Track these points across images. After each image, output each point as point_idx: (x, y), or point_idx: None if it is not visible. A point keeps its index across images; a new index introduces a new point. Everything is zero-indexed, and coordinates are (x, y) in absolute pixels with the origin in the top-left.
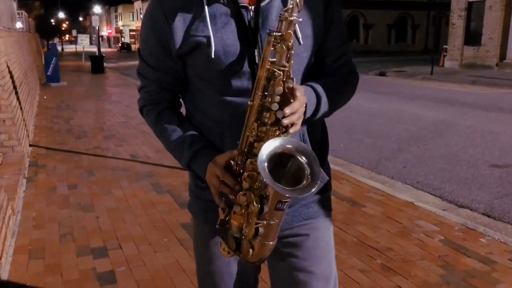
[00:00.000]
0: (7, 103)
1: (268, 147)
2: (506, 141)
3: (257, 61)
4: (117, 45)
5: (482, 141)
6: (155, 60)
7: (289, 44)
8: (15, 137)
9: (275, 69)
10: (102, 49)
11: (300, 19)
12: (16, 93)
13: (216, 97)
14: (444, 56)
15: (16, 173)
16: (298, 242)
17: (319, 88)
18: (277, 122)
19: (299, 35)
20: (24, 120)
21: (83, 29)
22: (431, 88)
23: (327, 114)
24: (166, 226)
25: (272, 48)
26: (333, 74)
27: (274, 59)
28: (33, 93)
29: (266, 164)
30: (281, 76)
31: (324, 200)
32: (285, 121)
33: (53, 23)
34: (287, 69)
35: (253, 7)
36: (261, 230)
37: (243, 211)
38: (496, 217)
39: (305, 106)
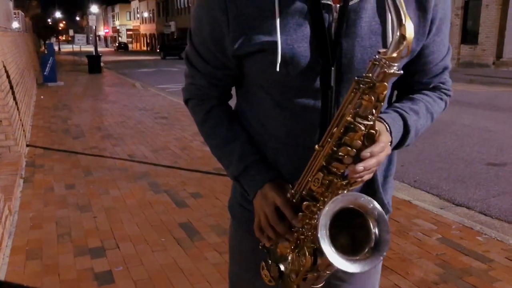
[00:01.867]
0: (4, 103)
1: (333, 207)
2: (502, 140)
3: (332, 83)
4: (114, 45)
5: (479, 140)
6: (207, 51)
7: (380, 96)
8: (12, 137)
9: (356, 123)
10: (99, 49)
11: (401, 72)
12: (13, 93)
13: (275, 109)
14: None
15: (13, 173)
16: (348, 274)
17: (410, 118)
18: (346, 176)
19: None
20: (21, 120)
21: (80, 29)
22: None
23: (408, 145)
24: (164, 226)
25: (358, 99)
26: (426, 94)
27: (357, 110)
28: (30, 93)
29: (326, 231)
30: (363, 131)
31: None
32: (360, 168)
33: (50, 23)
34: (371, 123)
35: (338, 6)
36: (309, 277)
37: (291, 245)
38: (493, 215)
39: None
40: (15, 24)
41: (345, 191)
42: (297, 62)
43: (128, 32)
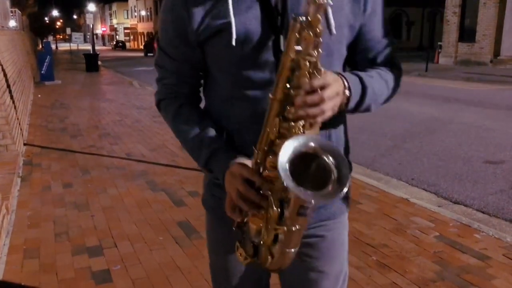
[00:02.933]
0: (1, 102)
1: (290, 146)
2: (500, 138)
3: (282, 49)
4: (111, 43)
5: (476, 138)
6: (174, 48)
7: (317, 30)
8: (9, 136)
9: (300, 59)
10: (96, 47)
11: (331, 3)
12: (10, 91)
13: (236, 90)
14: (439, 52)
15: (10, 172)
16: (313, 242)
17: (365, 77)
18: (301, 117)
19: (332, 23)
20: (18, 119)
21: (77, 27)
22: (426, 85)
23: (370, 108)
24: (162, 224)
25: (297, 35)
26: (375, 68)
27: (300, 48)
28: (27, 91)
29: (287, 166)
30: (308, 67)
31: (342, 199)
32: (302, 113)
33: (47, 21)
34: (314, 59)
35: None
36: (281, 236)
37: (262, 214)
38: (491, 213)
39: (341, 96)
40: (12, 23)
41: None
42: (250, 38)
43: (125, 31)
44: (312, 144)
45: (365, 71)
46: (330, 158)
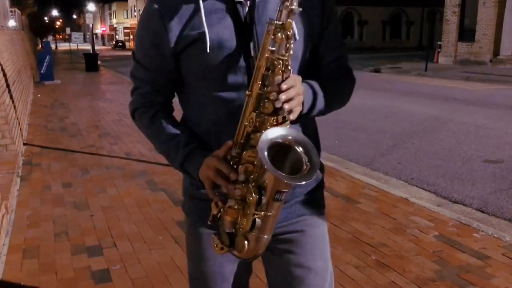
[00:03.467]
0: (0, 102)
1: (268, 135)
2: (499, 137)
3: (252, 55)
4: (111, 43)
5: (476, 137)
6: (149, 60)
7: (289, 33)
8: (8, 135)
9: (274, 58)
10: (96, 47)
11: (300, 9)
12: (10, 91)
13: (211, 94)
14: (438, 52)
15: (10, 172)
16: (294, 238)
17: (315, 84)
18: (275, 112)
19: (295, 30)
20: (17, 118)
21: (77, 27)
22: (425, 84)
23: (323, 112)
24: (161, 224)
25: (272, 37)
26: (329, 76)
27: (274, 49)
28: (27, 91)
29: (266, 152)
30: (280, 65)
31: (318, 197)
32: (283, 97)
33: (47, 21)
34: (286, 58)
35: (248, 2)
36: (258, 222)
37: (237, 205)
38: (490, 212)
39: (303, 97)
40: (12, 22)
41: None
42: (223, 45)
43: (125, 30)
44: (286, 135)
45: (319, 79)
46: (301, 147)
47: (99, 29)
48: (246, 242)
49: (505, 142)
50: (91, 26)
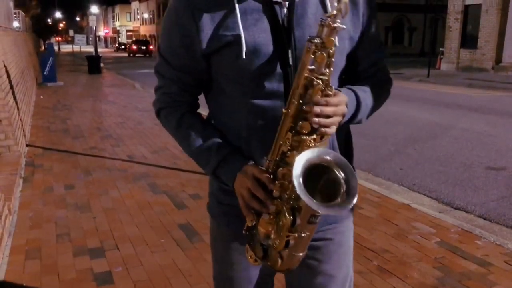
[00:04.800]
0: (4, 103)
1: (304, 158)
2: (501, 144)
3: (290, 63)
4: (114, 45)
5: (478, 144)
6: (177, 58)
7: (330, 51)
8: (11, 136)
9: (313, 78)
10: (99, 49)
11: (344, 27)
12: (13, 92)
13: (243, 99)
14: (441, 58)
15: (12, 173)
16: (321, 246)
17: (360, 93)
18: (313, 131)
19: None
20: (20, 120)
21: (80, 29)
22: (427, 90)
23: (361, 121)
24: (163, 227)
25: (312, 56)
26: (368, 80)
27: (313, 67)
28: (30, 93)
29: (301, 178)
30: (320, 85)
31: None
32: (322, 121)
33: (50, 23)
34: (326, 77)
35: (287, 3)
36: (291, 242)
37: (271, 219)
38: (492, 219)
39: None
40: (16, 24)
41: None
42: (259, 50)
43: (128, 33)
44: (324, 156)
45: (360, 84)
46: (341, 172)
47: (102, 32)
48: (279, 259)
49: (507, 149)
50: (94, 28)
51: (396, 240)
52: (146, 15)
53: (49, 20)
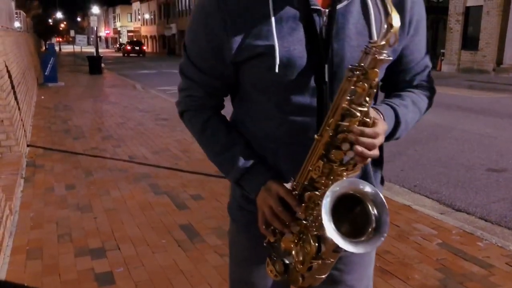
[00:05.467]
0: (5, 103)
1: (336, 190)
2: (502, 145)
3: (326, 78)
4: (115, 46)
5: (479, 145)
6: (204, 62)
7: (373, 83)
8: (12, 137)
9: (352, 109)
10: (100, 50)
11: (391, 59)
12: (14, 93)
13: (272, 111)
14: (442, 60)
15: (13, 173)
16: (343, 256)
17: (400, 109)
18: (346, 161)
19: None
20: (22, 120)
21: (81, 30)
22: None
23: (399, 138)
24: (164, 227)
25: (352, 86)
26: (411, 91)
27: (352, 97)
28: (31, 93)
29: (329, 214)
30: (359, 116)
31: None
32: (359, 150)
33: (51, 23)
34: (366, 109)
35: (327, 11)
36: (315, 267)
37: (294, 237)
38: (493, 221)
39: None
40: (17, 24)
41: (344, 178)
42: (293, 63)
43: (129, 34)
44: (358, 187)
45: (401, 98)
46: (374, 207)
47: (103, 32)
48: (300, 278)
49: (508, 151)
50: (95, 29)
51: (397, 242)
52: (147, 16)
53: (50, 20)
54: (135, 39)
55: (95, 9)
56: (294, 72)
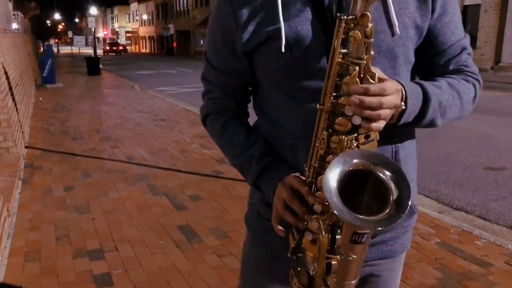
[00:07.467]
0: (3, 104)
1: (336, 164)
2: (501, 144)
3: None
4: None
5: (477, 144)
6: (221, 59)
7: (367, 30)
8: (10, 138)
9: (348, 63)
10: (98, 51)
11: None
12: (12, 94)
13: (286, 102)
14: None
15: (11, 175)
16: (366, 280)
17: (428, 87)
18: (354, 129)
19: (395, 22)
20: (19, 121)
21: (79, 31)
22: None
23: (435, 123)
24: (163, 228)
25: (343, 36)
26: (448, 76)
27: (345, 51)
28: (29, 94)
29: (334, 187)
30: (356, 72)
31: (407, 232)
32: (364, 113)
33: (49, 25)
34: (364, 62)
35: None
36: (335, 266)
37: (316, 240)
38: (492, 219)
39: (396, 102)
40: (14, 25)
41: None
42: (300, 42)
43: (127, 34)
44: (366, 159)
45: (433, 80)
46: (390, 176)
47: (101, 33)
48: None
49: (506, 150)
50: (93, 30)
51: None
52: (145, 16)
53: (48, 21)
54: (133, 39)
55: (93, 10)
56: (301, 51)
